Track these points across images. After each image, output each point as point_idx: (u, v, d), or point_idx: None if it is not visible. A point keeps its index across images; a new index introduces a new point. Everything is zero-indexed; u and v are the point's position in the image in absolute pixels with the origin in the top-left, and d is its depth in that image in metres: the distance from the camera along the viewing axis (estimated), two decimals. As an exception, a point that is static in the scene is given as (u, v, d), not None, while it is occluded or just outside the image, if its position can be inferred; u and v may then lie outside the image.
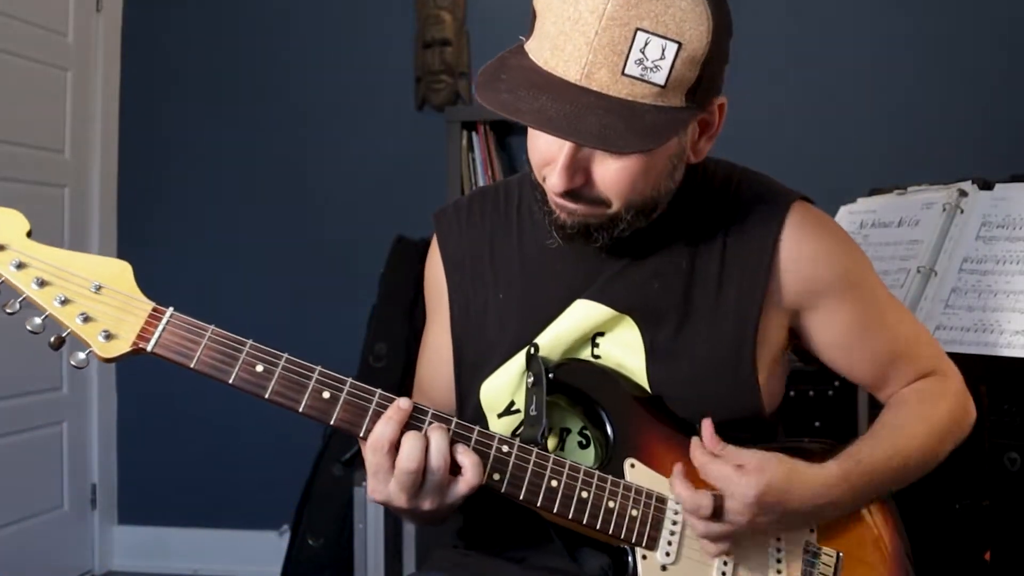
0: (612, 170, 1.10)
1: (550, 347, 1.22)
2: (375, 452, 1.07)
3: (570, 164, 1.09)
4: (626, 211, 1.14)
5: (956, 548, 1.80)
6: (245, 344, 1.07)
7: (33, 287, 1.04)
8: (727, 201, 1.25)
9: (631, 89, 1.04)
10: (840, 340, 1.27)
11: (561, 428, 1.24)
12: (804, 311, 1.26)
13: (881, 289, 1.32)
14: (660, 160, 1.12)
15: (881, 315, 1.29)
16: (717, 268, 1.23)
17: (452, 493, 1.08)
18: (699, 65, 1.05)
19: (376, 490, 1.09)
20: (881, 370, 1.30)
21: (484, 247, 1.30)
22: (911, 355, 1.31)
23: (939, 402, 1.28)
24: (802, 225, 1.24)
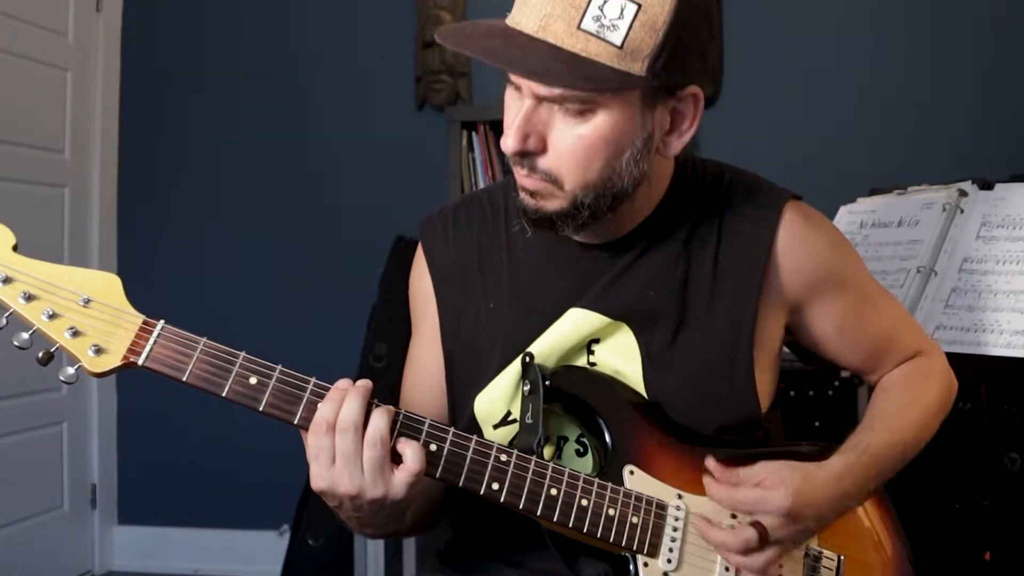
0: (567, 139, 1.09)
1: (545, 355, 1.21)
2: (315, 433, 1.04)
3: (524, 123, 1.08)
4: (583, 193, 1.11)
5: (956, 548, 1.80)
6: (238, 356, 1.05)
7: (20, 301, 1.02)
8: (719, 202, 1.24)
9: (585, 45, 1.04)
10: (833, 331, 1.30)
11: (558, 436, 1.23)
12: (799, 308, 1.27)
13: (868, 279, 1.35)
14: (619, 137, 1.10)
15: (870, 305, 1.32)
16: (711, 272, 1.22)
17: (395, 482, 1.04)
18: (659, 33, 1.04)
19: (319, 476, 1.05)
20: (871, 356, 1.34)
21: (472, 256, 1.28)
22: (897, 339, 1.35)
23: (927, 384, 1.33)
24: (797, 224, 1.24)
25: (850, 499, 1.20)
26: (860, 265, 1.34)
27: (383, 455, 1.04)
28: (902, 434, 1.26)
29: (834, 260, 1.28)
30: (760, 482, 1.14)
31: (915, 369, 1.35)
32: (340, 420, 1.03)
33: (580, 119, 1.08)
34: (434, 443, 1.08)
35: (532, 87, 1.07)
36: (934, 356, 1.38)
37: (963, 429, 1.77)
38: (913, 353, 1.36)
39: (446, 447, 1.08)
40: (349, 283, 3.26)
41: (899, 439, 1.25)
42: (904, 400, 1.30)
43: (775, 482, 1.13)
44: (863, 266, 1.35)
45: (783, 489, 1.12)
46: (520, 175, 1.13)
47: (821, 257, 1.26)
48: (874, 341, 1.33)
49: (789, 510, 1.12)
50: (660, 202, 1.23)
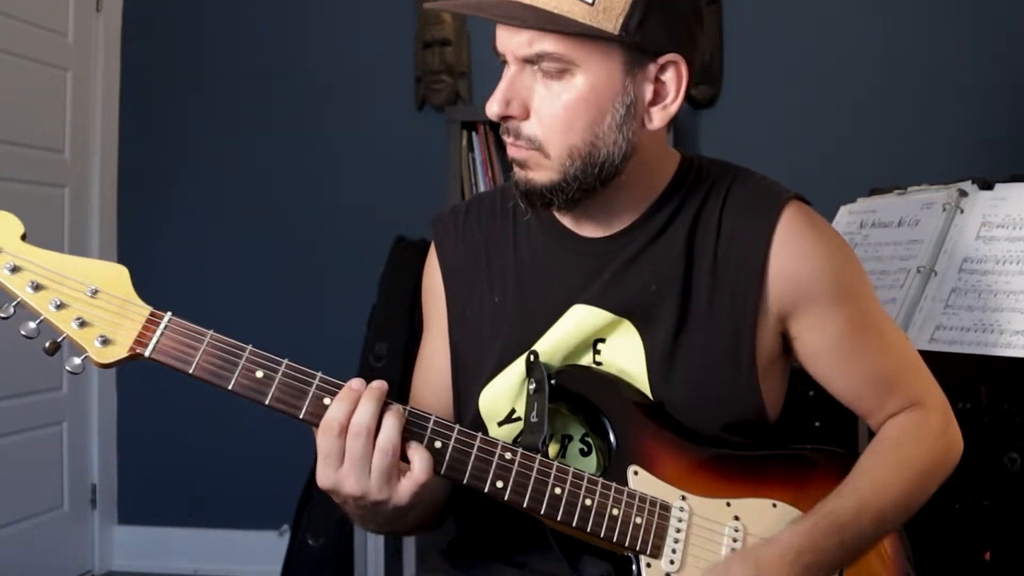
0: (547, 102, 1.12)
1: (550, 353, 1.21)
2: (326, 434, 1.04)
3: (507, 88, 1.12)
4: (570, 161, 1.13)
5: (956, 548, 1.80)
6: (245, 349, 1.05)
7: (28, 291, 1.02)
8: (720, 198, 1.23)
9: (558, 3, 1.08)
10: (826, 352, 1.24)
11: (563, 435, 1.23)
12: (792, 316, 1.22)
13: (875, 305, 1.28)
14: (598, 99, 1.12)
15: (872, 333, 1.25)
16: (711, 268, 1.21)
17: (400, 490, 1.05)
18: None
19: (325, 475, 1.06)
20: (865, 393, 1.27)
21: (480, 252, 1.29)
22: (898, 382, 1.27)
23: (919, 444, 1.24)
24: (795, 225, 1.21)
25: (816, 567, 1.14)
26: (865, 285, 1.27)
27: (392, 463, 1.05)
28: (876, 497, 1.18)
29: (831, 269, 1.22)
30: None
31: (910, 423, 1.25)
32: (353, 423, 1.04)
33: (559, 80, 1.11)
34: (439, 440, 1.09)
35: (511, 49, 1.12)
36: (935, 411, 1.27)
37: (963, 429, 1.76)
38: (915, 400, 1.27)
39: (451, 444, 1.09)
40: (349, 283, 3.26)
41: (870, 503, 1.18)
42: (886, 460, 1.22)
43: None
44: (869, 288, 1.28)
45: None
46: (508, 145, 1.16)
47: (817, 263, 1.21)
48: (870, 375, 1.25)
49: None
50: (661, 194, 1.23)
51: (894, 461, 1.22)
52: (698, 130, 3.17)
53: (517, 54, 1.12)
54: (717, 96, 3.16)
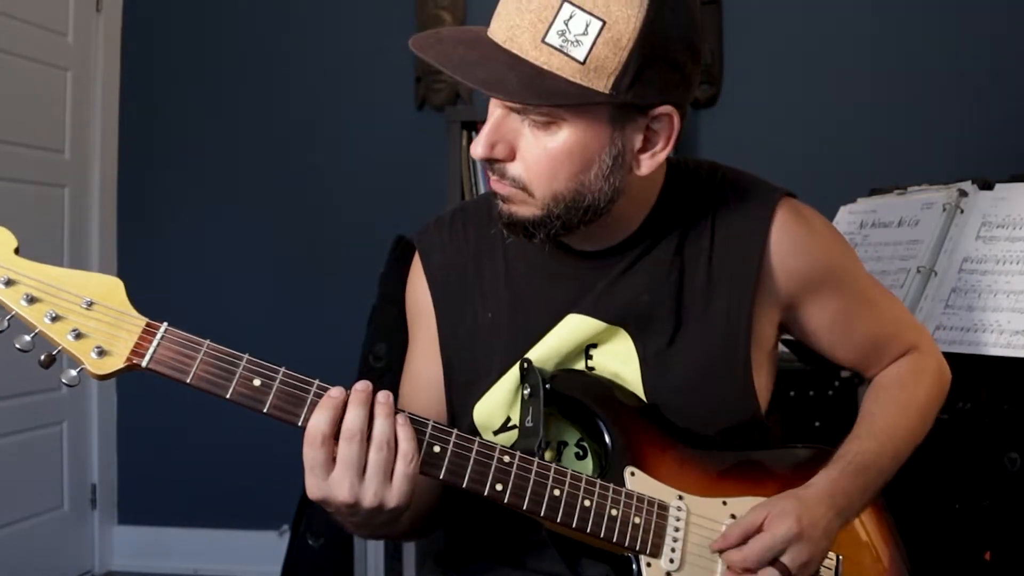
0: (533, 150, 1.10)
1: (543, 360, 1.21)
2: (311, 445, 1.03)
3: (493, 131, 1.11)
4: (554, 203, 1.12)
5: (956, 548, 1.80)
6: (242, 358, 1.05)
7: (22, 304, 1.01)
8: (712, 203, 1.24)
9: (548, 59, 1.04)
10: (828, 328, 1.30)
11: (558, 441, 1.23)
12: (792, 307, 1.27)
13: (864, 275, 1.35)
14: (584, 152, 1.10)
15: (866, 301, 1.32)
16: (705, 273, 1.22)
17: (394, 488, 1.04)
18: (624, 50, 1.04)
19: (314, 487, 1.04)
20: (865, 353, 1.34)
21: (469, 264, 1.29)
22: (892, 336, 1.35)
23: (918, 382, 1.33)
24: (790, 223, 1.23)
25: (846, 510, 1.19)
26: (855, 261, 1.34)
27: (388, 457, 1.04)
28: (890, 437, 1.26)
29: (828, 258, 1.28)
30: (761, 525, 1.14)
31: (908, 367, 1.35)
32: (344, 429, 1.03)
33: (545, 131, 1.09)
34: (437, 444, 1.08)
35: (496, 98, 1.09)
36: (927, 350, 1.38)
37: (963, 429, 1.76)
38: (908, 348, 1.36)
39: (449, 448, 1.08)
40: (349, 283, 3.26)
41: (887, 443, 1.25)
42: (895, 402, 1.30)
43: (772, 517, 1.13)
44: (858, 262, 1.35)
45: (787, 521, 1.12)
46: (492, 180, 1.15)
47: (815, 255, 1.26)
48: (869, 338, 1.33)
49: (799, 535, 1.12)
50: (653, 206, 1.23)
51: (902, 402, 1.31)
52: (698, 130, 3.17)
53: (503, 103, 1.10)
54: (717, 96, 3.16)
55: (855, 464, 1.21)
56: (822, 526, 1.15)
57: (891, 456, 1.25)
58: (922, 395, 1.33)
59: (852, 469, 1.20)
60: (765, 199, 1.24)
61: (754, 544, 1.13)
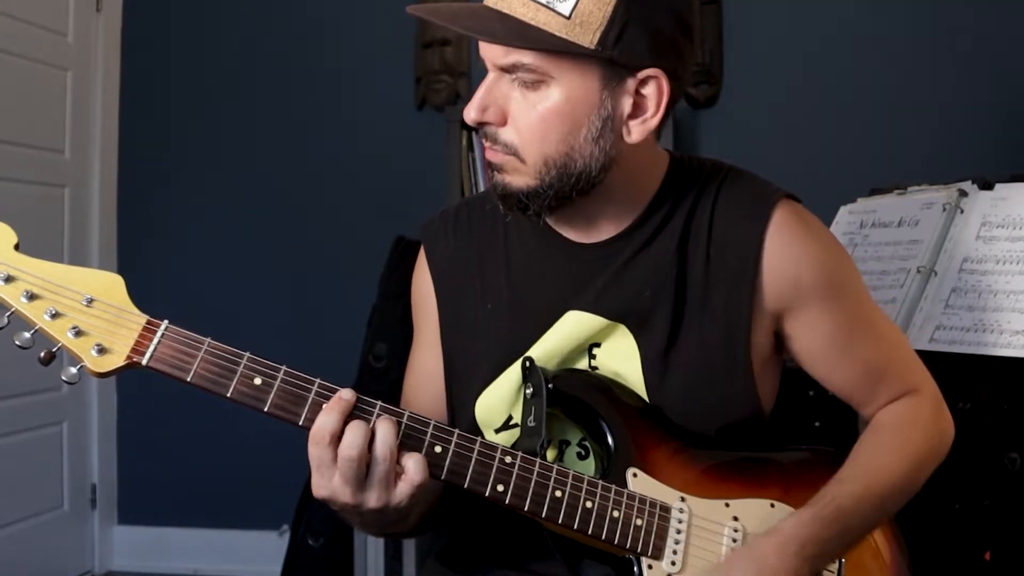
0: (523, 111, 1.12)
1: (545, 359, 1.20)
2: (316, 444, 1.03)
3: (484, 95, 1.13)
4: (545, 169, 1.13)
5: (956, 548, 1.80)
6: (243, 357, 1.05)
7: (22, 300, 1.01)
8: (712, 199, 1.23)
9: (535, 15, 1.07)
10: (821, 348, 1.25)
11: (560, 440, 1.22)
12: (786, 314, 1.23)
13: (866, 298, 1.29)
14: (573, 112, 1.11)
15: (864, 327, 1.27)
16: (703, 270, 1.21)
17: (396, 492, 1.05)
18: (608, 5, 1.06)
19: (320, 485, 1.05)
20: (860, 385, 1.28)
21: (472, 257, 1.29)
22: (891, 373, 1.28)
23: (915, 431, 1.26)
24: (787, 225, 1.21)
25: (818, 558, 1.14)
26: (856, 280, 1.29)
27: (389, 469, 1.04)
28: (878, 484, 1.20)
29: (824, 267, 1.23)
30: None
31: (906, 410, 1.27)
32: (345, 445, 1.03)
33: (535, 91, 1.11)
34: (439, 445, 1.08)
35: (490, 57, 1.12)
36: (928, 399, 1.29)
37: (963, 429, 1.76)
38: (908, 389, 1.28)
39: (451, 449, 1.08)
40: (349, 283, 3.26)
41: (873, 490, 1.19)
42: (886, 446, 1.24)
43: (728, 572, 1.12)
44: (860, 282, 1.29)
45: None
46: (486, 148, 1.17)
47: (809, 262, 1.22)
48: (865, 365, 1.26)
49: None
50: (653, 198, 1.23)
51: (891, 448, 1.24)
52: (698, 130, 3.17)
53: (495, 62, 1.12)
54: (717, 96, 3.16)
55: (832, 508, 1.15)
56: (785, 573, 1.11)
57: (875, 505, 1.19)
58: (920, 443, 1.26)
59: (827, 514, 1.15)
60: (765, 199, 1.23)
61: None
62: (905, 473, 1.23)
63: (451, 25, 1.10)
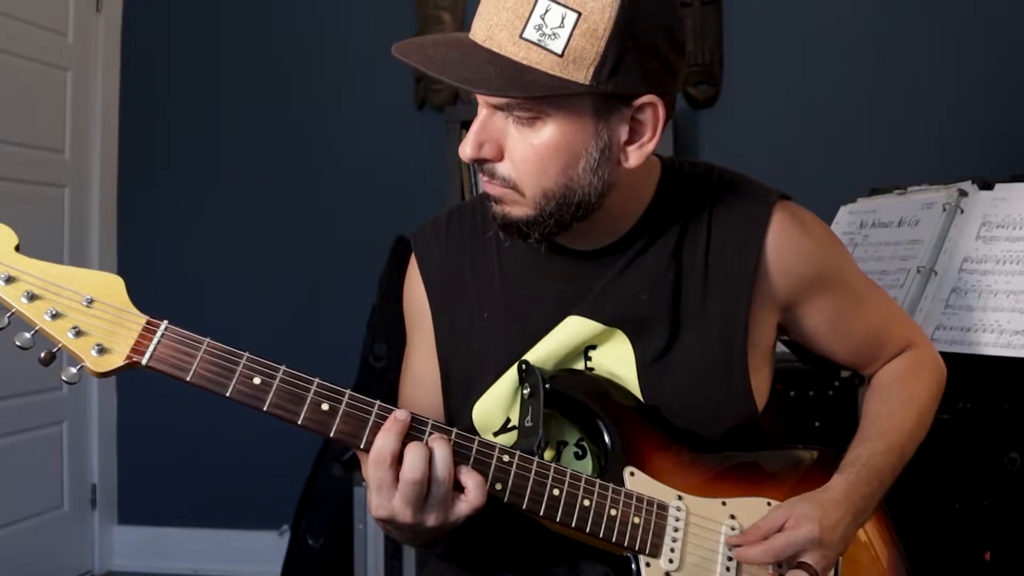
0: (520, 148, 1.11)
1: (542, 362, 1.21)
2: (378, 466, 1.05)
3: (479, 131, 1.11)
4: (545, 201, 1.12)
5: (956, 548, 1.80)
6: (242, 356, 1.05)
7: (23, 301, 1.01)
8: (707, 204, 1.24)
9: (527, 54, 1.05)
10: (825, 329, 1.31)
11: (557, 441, 1.23)
12: (792, 306, 1.28)
13: (859, 276, 1.36)
14: (570, 146, 1.10)
15: (861, 302, 1.33)
16: (701, 275, 1.22)
17: (455, 511, 1.07)
18: (602, 40, 1.04)
19: (380, 506, 1.06)
20: (862, 352, 1.36)
21: (465, 264, 1.29)
22: (888, 334, 1.36)
23: (918, 378, 1.35)
24: (786, 226, 1.24)
25: (863, 513, 1.21)
26: (849, 262, 1.35)
27: (449, 489, 1.06)
28: (899, 436, 1.28)
29: (824, 260, 1.28)
30: (783, 525, 1.15)
31: (907, 364, 1.36)
32: (408, 468, 1.04)
33: (530, 128, 1.10)
34: None
35: (482, 96, 1.10)
36: (923, 346, 1.40)
37: (963, 429, 1.76)
38: (905, 345, 1.37)
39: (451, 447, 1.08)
40: (349, 283, 3.26)
41: (896, 442, 1.27)
42: (897, 400, 1.32)
43: (797, 520, 1.14)
44: (852, 262, 1.36)
45: (808, 524, 1.14)
46: (484, 182, 1.16)
47: (811, 258, 1.26)
48: (865, 336, 1.34)
49: (820, 540, 1.13)
50: (648, 206, 1.23)
51: (904, 399, 1.32)
52: (698, 130, 3.17)
53: (488, 101, 1.11)
54: (717, 96, 3.16)
55: (869, 467, 1.22)
56: (840, 531, 1.16)
57: (898, 454, 1.27)
58: (923, 391, 1.35)
59: (867, 472, 1.22)
60: (761, 201, 1.24)
61: (775, 541, 1.14)
62: (916, 420, 1.31)
63: (445, 77, 1.07)
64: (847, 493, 1.19)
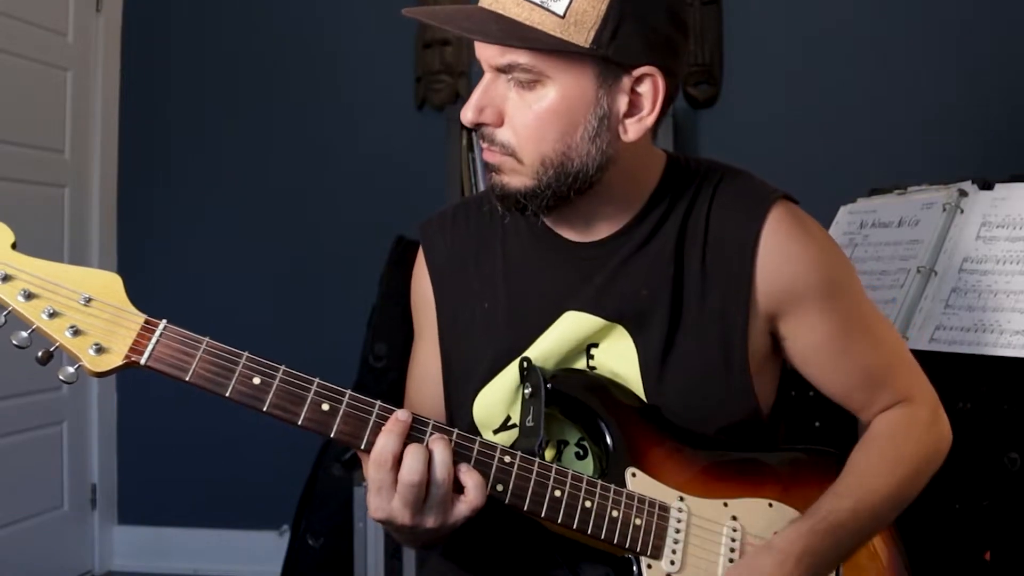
0: (519, 111, 1.12)
1: (543, 359, 1.20)
2: (378, 468, 1.05)
3: (481, 96, 1.13)
4: (543, 169, 1.13)
5: (956, 548, 1.80)
6: (241, 356, 1.05)
7: (19, 300, 1.01)
8: (708, 200, 1.23)
9: (530, 14, 1.07)
10: (816, 352, 1.24)
11: (558, 440, 1.22)
12: (781, 316, 1.22)
13: (864, 302, 1.28)
14: (570, 111, 1.11)
15: (861, 331, 1.25)
16: (700, 271, 1.21)
17: (455, 512, 1.07)
18: (603, 3, 1.07)
19: (379, 508, 1.06)
20: (856, 391, 1.27)
21: (469, 257, 1.29)
22: (888, 379, 1.27)
23: (909, 439, 1.25)
24: (783, 226, 1.20)
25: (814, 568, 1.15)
26: (854, 282, 1.27)
27: (448, 491, 1.06)
28: (873, 498, 1.19)
29: (820, 268, 1.22)
30: None
31: (903, 420, 1.26)
32: (406, 470, 1.04)
33: (531, 91, 1.11)
34: None
35: (486, 57, 1.12)
36: (924, 405, 1.28)
37: (963, 429, 1.76)
38: (904, 396, 1.27)
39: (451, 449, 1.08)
40: (349, 283, 3.26)
41: (865, 502, 1.19)
42: (882, 459, 1.23)
43: None
44: (857, 283, 1.28)
45: None
46: (483, 149, 1.17)
47: (805, 263, 1.21)
48: (861, 372, 1.25)
49: None
50: (649, 198, 1.23)
51: (887, 458, 1.23)
52: (698, 130, 3.17)
53: (491, 63, 1.12)
54: (717, 96, 3.16)
55: (827, 523, 1.16)
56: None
57: (870, 517, 1.19)
58: (913, 451, 1.25)
59: (823, 528, 1.15)
60: (760, 200, 1.22)
61: None
62: (899, 484, 1.22)
63: (447, 26, 1.11)
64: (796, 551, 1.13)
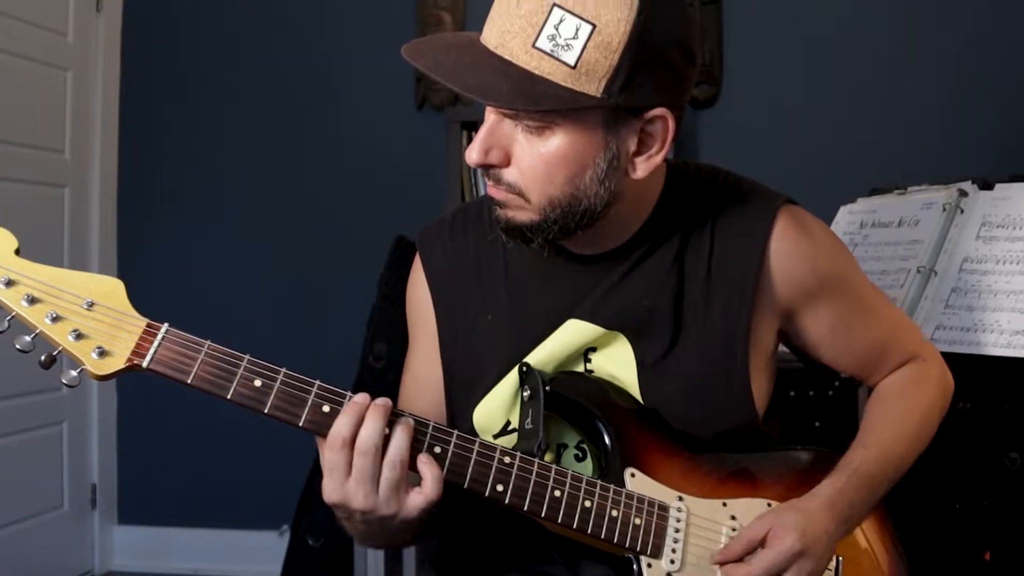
0: (527, 155, 1.10)
1: (542, 364, 1.21)
2: (333, 448, 1.04)
3: (486, 136, 1.10)
4: (550, 208, 1.12)
5: (956, 548, 1.80)
6: (243, 359, 1.05)
7: (23, 304, 1.01)
8: (712, 208, 1.23)
9: (539, 63, 1.04)
10: (827, 336, 1.29)
11: (557, 444, 1.23)
12: (792, 314, 1.26)
13: (864, 282, 1.34)
14: (578, 156, 1.09)
15: (866, 309, 1.32)
16: (704, 280, 1.22)
17: (409, 502, 1.05)
18: (615, 54, 1.03)
19: (333, 490, 1.05)
20: (866, 361, 1.34)
21: (469, 265, 1.28)
22: (893, 344, 1.35)
23: (921, 390, 1.33)
24: (790, 231, 1.23)
25: (848, 520, 1.20)
26: (855, 269, 1.33)
27: (401, 475, 1.05)
28: (894, 445, 1.26)
29: (828, 266, 1.27)
30: (765, 538, 1.14)
31: (910, 375, 1.34)
32: (361, 440, 1.03)
33: (539, 136, 1.09)
34: (439, 445, 1.09)
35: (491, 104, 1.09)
36: (930, 359, 1.37)
37: (963, 429, 1.76)
38: (910, 356, 1.36)
39: (450, 449, 1.09)
40: (349, 283, 3.26)
41: (892, 453, 1.25)
42: (898, 410, 1.30)
43: (779, 532, 1.14)
44: (858, 269, 1.34)
45: (791, 537, 1.13)
46: (489, 186, 1.15)
47: (814, 264, 1.25)
48: (869, 346, 1.32)
49: (802, 552, 1.13)
50: (653, 210, 1.23)
51: (904, 410, 1.31)
52: (698, 130, 3.17)
53: (497, 110, 1.10)
54: (717, 96, 3.16)
55: (859, 474, 1.21)
56: (825, 540, 1.15)
57: (894, 464, 1.25)
58: (924, 402, 1.33)
59: (856, 479, 1.20)
60: (766, 205, 1.23)
61: (758, 561, 1.13)
62: (918, 432, 1.30)
63: (454, 85, 1.06)
64: (833, 500, 1.17)
